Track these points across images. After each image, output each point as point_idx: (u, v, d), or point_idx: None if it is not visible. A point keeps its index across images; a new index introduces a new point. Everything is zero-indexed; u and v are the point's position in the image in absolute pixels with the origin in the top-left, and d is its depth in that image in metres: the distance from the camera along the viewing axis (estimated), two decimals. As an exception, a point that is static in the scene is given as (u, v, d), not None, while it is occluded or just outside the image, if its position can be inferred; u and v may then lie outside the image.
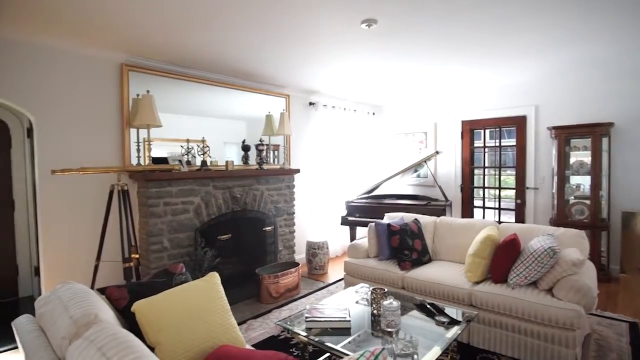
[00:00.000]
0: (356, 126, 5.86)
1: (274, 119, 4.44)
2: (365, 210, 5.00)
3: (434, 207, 4.56)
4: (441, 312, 2.36)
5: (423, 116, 5.85)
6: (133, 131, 3.37)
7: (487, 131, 5.34)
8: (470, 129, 5.38)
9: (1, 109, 3.80)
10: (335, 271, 4.74)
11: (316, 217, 5.22)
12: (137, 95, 3.36)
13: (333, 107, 5.42)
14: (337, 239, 5.48)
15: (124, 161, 3.30)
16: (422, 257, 3.33)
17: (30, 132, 3.86)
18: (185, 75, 3.72)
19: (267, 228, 4.12)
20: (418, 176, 5.83)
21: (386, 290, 2.39)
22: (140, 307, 1.52)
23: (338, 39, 3.00)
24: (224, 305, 1.76)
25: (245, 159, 4.21)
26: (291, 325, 2.27)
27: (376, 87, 4.88)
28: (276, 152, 4.72)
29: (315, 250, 4.60)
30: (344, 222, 5.09)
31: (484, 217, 5.34)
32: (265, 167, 4.18)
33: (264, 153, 4.21)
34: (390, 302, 2.15)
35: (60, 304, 1.43)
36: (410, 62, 3.75)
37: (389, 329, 2.13)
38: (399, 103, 6.12)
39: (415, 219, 3.60)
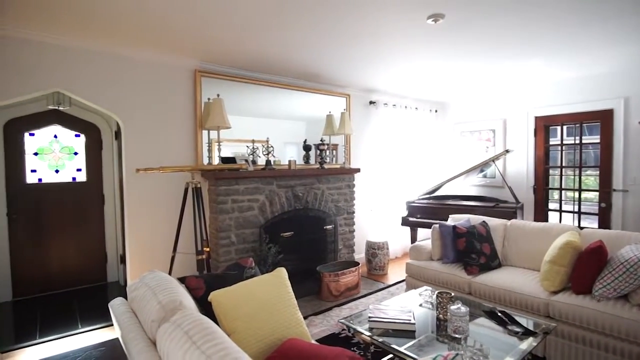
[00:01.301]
0: (417, 124, 5.70)
1: (335, 118, 4.48)
2: (426, 211, 4.85)
3: (504, 209, 4.28)
4: (514, 321, 2.22)
5: (491, 112, 5.52)
6: (204, 132, 3.61)
7: (565, 127, 4.88)
8: (544, 125, 4.96)
9: (93, 114, 4.29)
10: (395, 272, 4.66)
11: (376, 217, 5.17)
12: (208, 99, 3.59)
13: (394, 105, 5.33)
14: (397, 239, 5.38)
15: (196, 160, 3.55)
16: (491, 261, 3.15)
17: (117, 134, 4.30)
18: (250, 78, 3.89)
19: (328, 227, 4.17)
20: (484, 176, 5.51)
21: (452, 294, 2.30)
22: (217, 297, 1.63)
23: (402, 36, 2.94)
24: (292, 300, 1.82)
25: (307, 158, 4.30)
26: (354, 324, 2.28)
27: (440, 83, 4.70)
28: (334, 151, 4.76)
29: (375, 251, 4.56)
30: (405, 222, 4.98)
31: (560, 221, 4.90)
32: (325, 166, 4.23)
33: (325, 153, 4.27)
34: (459, 307, 2.06)
35: (148, 290, 1.58)
36: (477, 57, 3.56)
37: (457, 335, 2.04)
38: (464, 99, 5.83)
39: (483, 222, 3.41)
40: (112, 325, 3.28)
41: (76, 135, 4.28)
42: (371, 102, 5.13)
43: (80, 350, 1.50)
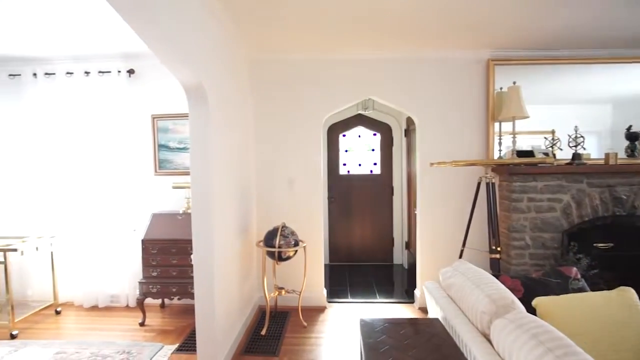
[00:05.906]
0: None
1: (683, 94, 3.21)
2: None
3: None
4: None
5: None
6: (495, 124, 3.40)
7: None
8: None
9: (387, 115, 4.90)
10: None
11: None
12: (500, 88, 3.35)
13: None
14: None
15: (487, 154, 3.40)
16: None
17: (405, 132, 4.75)
18: (547, 58, 3.34)
19: (669, 243, 3.05)
20: None
21: None
22: (545, 304, 1.46)
23: None
24: (650, 332, 1.40)
25: (631, 150, 3.30)
26: None
27: None
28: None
29: None
30: None
31: None
32: (666, 161, 3.10)
33: (666, 142, 3.13)
34: None
35: (467, 280, 1.60)
36: None
37: None
38: None
39: None
40: (401, 302, 3.66)
41: (373, 135, 5.04)
42: None
43: (408, 320, 1.70)
